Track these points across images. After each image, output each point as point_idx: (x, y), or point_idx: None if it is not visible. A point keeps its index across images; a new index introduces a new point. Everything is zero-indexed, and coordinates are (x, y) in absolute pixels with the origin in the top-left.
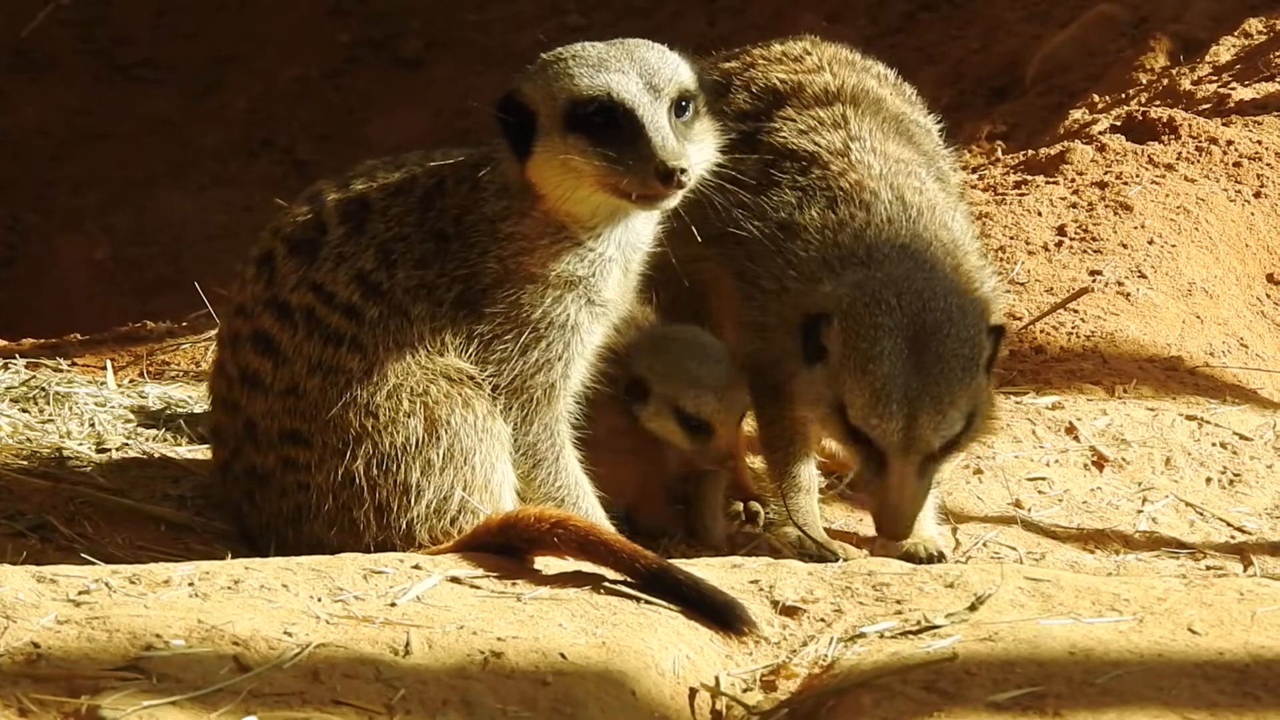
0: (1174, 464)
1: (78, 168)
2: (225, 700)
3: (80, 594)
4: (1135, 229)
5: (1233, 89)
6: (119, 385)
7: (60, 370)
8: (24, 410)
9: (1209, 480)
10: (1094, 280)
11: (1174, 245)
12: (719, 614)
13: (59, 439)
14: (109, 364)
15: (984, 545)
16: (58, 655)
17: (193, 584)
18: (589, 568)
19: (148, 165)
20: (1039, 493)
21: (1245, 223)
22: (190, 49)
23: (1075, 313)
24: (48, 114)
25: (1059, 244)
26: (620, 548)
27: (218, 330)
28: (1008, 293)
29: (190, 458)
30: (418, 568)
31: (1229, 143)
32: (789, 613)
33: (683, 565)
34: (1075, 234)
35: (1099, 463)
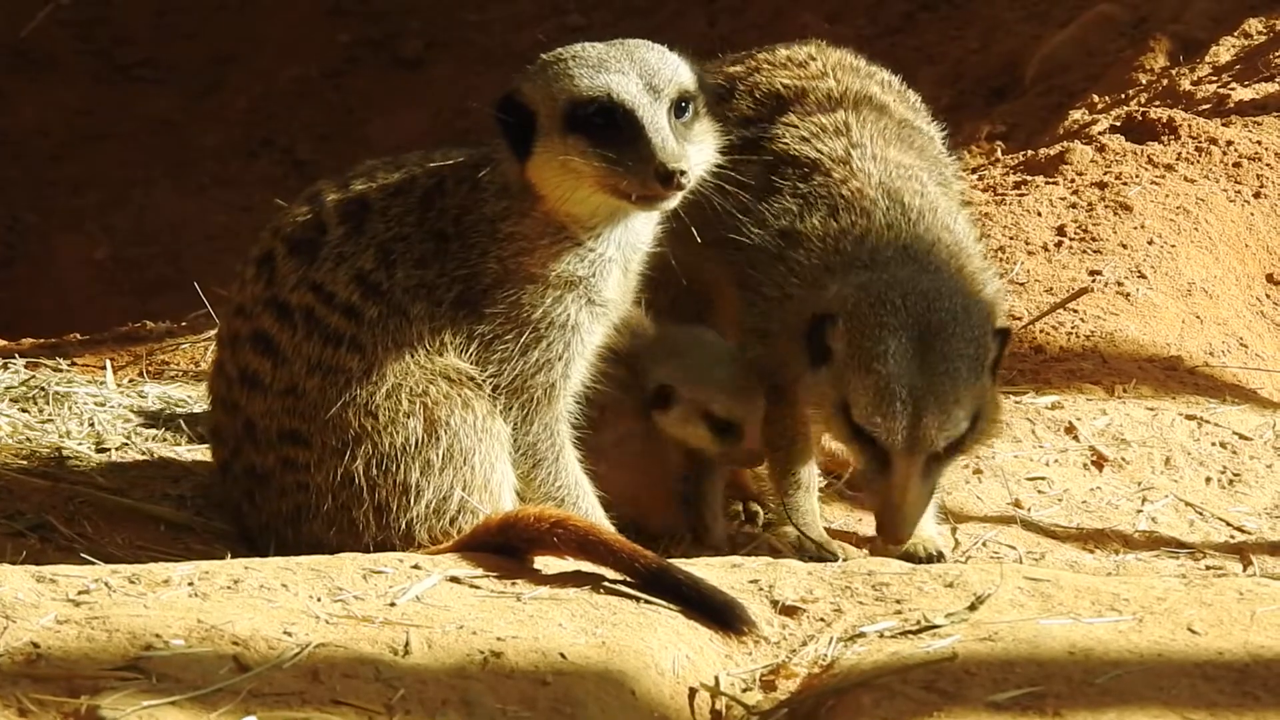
0: (1174, 464)
1: (78, 168)
2: (225, 700)
3: (80, 594)
4: (1135, 229)
5: (1232, 89)
6: (118, 385)
7: (60, 370)
8: (23, 410)
9: (1209, 480)
10: (1094, 280)
11: (1174, 245)
12: (719, 614)
13: (58, 439)
14: (109, 364)
15: (984, 545)
16: (57, 655)
17: (192, 584)
18: (589, 567)
19: (148, 165)
20: (1038, 492)
21: (1245, 223)
22: (190, 49)
23: (1075, 313)
24: (48, 114)
25: (1059, 244)
26: (620, 547)
27: (217, 330)
28: (1008, 293)
29: (190, 458)
30: (417, 567)
31: (1229, 143)
32: (789, 612)
33: (682, 565)
34: (1075, 234)
35: (1098, 462)
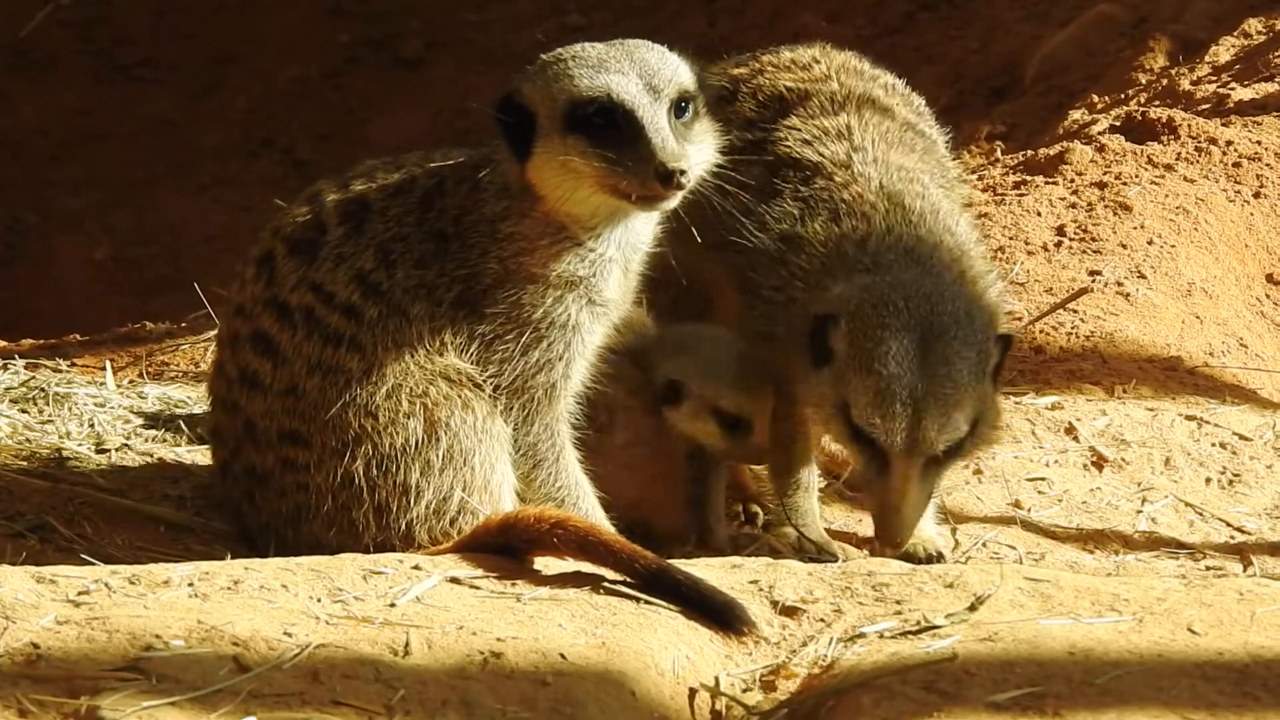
0: (1173, 464)
1: (78, 168)
2: (225, 701)
3: (80, 594)
4: (1135, 229)
5: (1232, 89)
6: (118, 386)
7: (60, 371)
8: (23, 411)
9: (1208, 480)
10: (1093, 280)
11: (1173, 245)
12: (719, 614)
13: (58, 439)
14: (108, 364)
15: (983, 545)
16: (57, 656)
17: (192, 584)
18: (589, 568)
19: (148, 165)
20: (1038, 493)
21: (1245, 223)
22: (190, 49)
23: (1075, 313)
24: (48, 114)
25: (1058, 244)
26: (620, 548)
27: (217, 331)
28: (1009, 295)
29: (189, 458)
30: (417, 568)
31: (1228, 143)
32: (789, 613)
33: (682, 565)
34: (1075, 234)
35: (1098, 463)
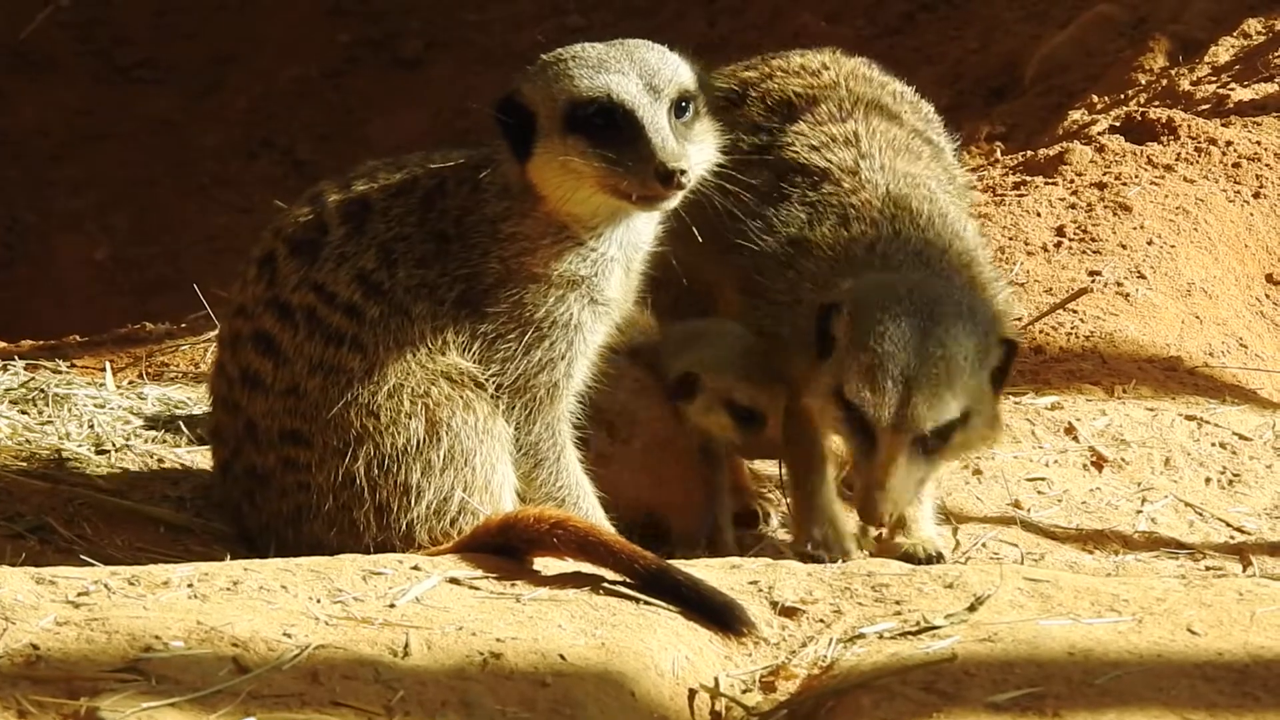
0: (1173, 464)
1: (78, 168)
2: (224, 702)
3: (79, 595)
4: (1134, 229)
5: (1231, 89)
6: (118, 387)
7: (59, 372)
8: (23, 412)
9: (1208, 480)
10: (1093, 281)
11: (1173, 246)
12: (718, 615)
13: (58, 440)
14: (108, 365)
15: (983, 546)
16: (57, 657)
17: (192, 585)
18: (588, 568)
19: (148, 165)
20: (1038, 493)
21: (1244, 223)
22: (190, 49)
23: (1074, 313)
24: (48, 114)
25: (1058, 244)
26: (619, 548)
27: (218, 331)
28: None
29: (189, 459)
30: (417, 569)
31: (1228, 143)
32: (788, 613)
33: (682, 566)
34: (1074, 234)
35: (1098, 463)
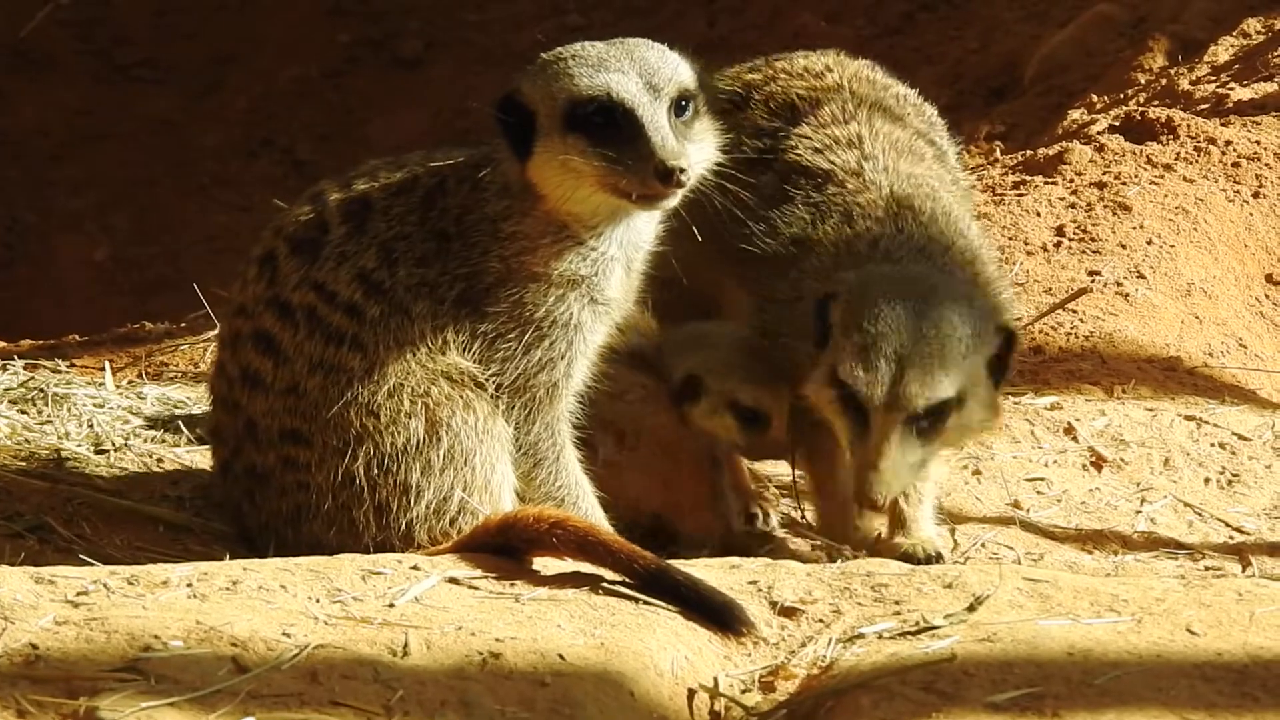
0: (1172, 464)
1: (78, 168)
2: (224, 701)
3: (78, 595)
4: (1134, 229)
5: (1231, 89)
6: (117, 386)
7: (59, 371)
8: (22, 411)
9: (1207, 480)
10: (1093, 280)
11: (1173, 245)
12: (717, 614)
13: (57, 440)
14: (108, 365)
15: (982, 546)
16: (56, 656)
17: (191, 585)
18: (588, 568)
19: (148, 165)
20: (1037, 493)
21: (1244, 223)
22: (190, 49)
23: (1074, 313)
24: (48, 114)
25: (1058, 244)
26: (619, 548)
27: (218, 331)
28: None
29: (189, 459)
30: (416, 568)
31: (1227, 143)
32: (787, 613)
33: (681, 566)
34: (1074, 234)
35: (1097, 463)
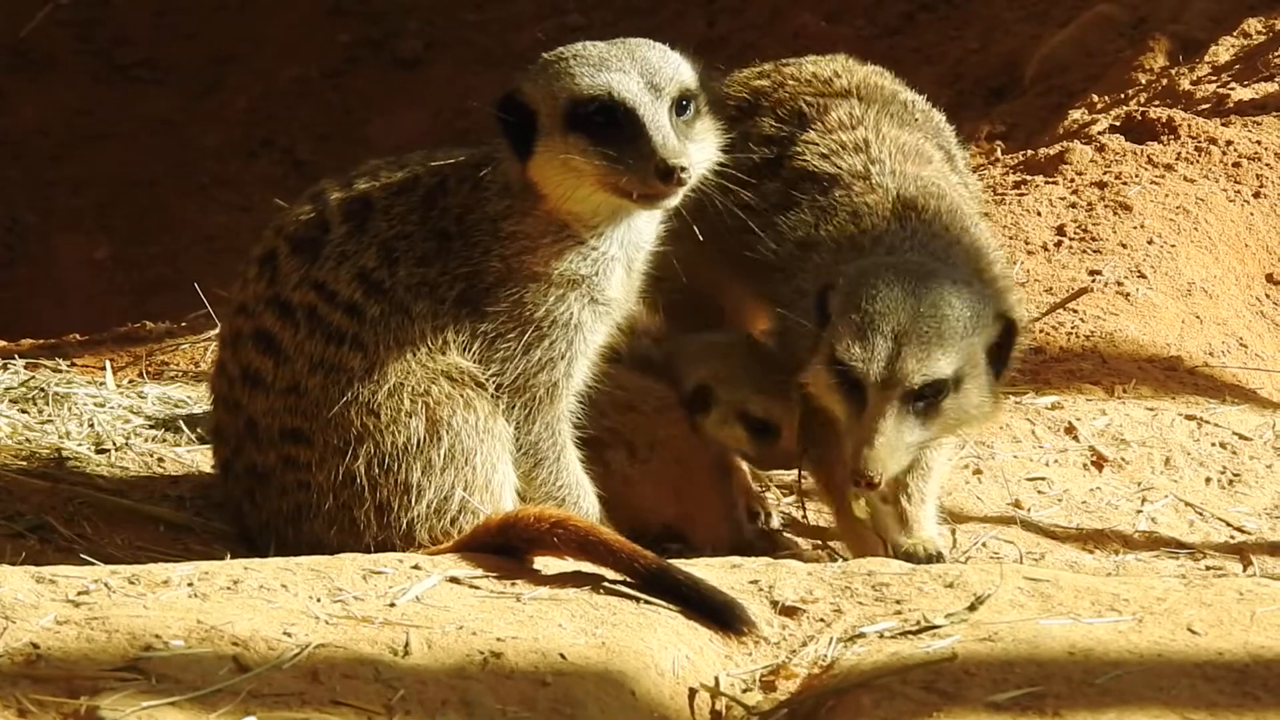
0: (1173, 464)
1: (78, 168)
2: (224, 701)
3: (79, 594)
4: (1135, 229)
5: (1232, 89)
6: (118, 386)
7: (59, 370)
8: (23, 411)
9: (1208, 480)
10: (1093, 280)
11: (1173, 245)
12: (718, 614)
13: (58, 439)
14: (108, 364)
15: (983, 545)
16: (57, 656)
17: (192, 584)
18: (589, 568)
19: (148, 165)
20: (1038, 493)
21: (1245, 223)
22: (190, 49)
23: (1075, 313)
24: (48, 114)
25: (1058, 244)
26: (620, 548)
27: (218, 330)
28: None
29: (189, 458)
30: (417, 568)
31: (1228, 143)
32: (788, 613)
33: (682, 565)
34: (1075, 234)
35: (1098, 463)
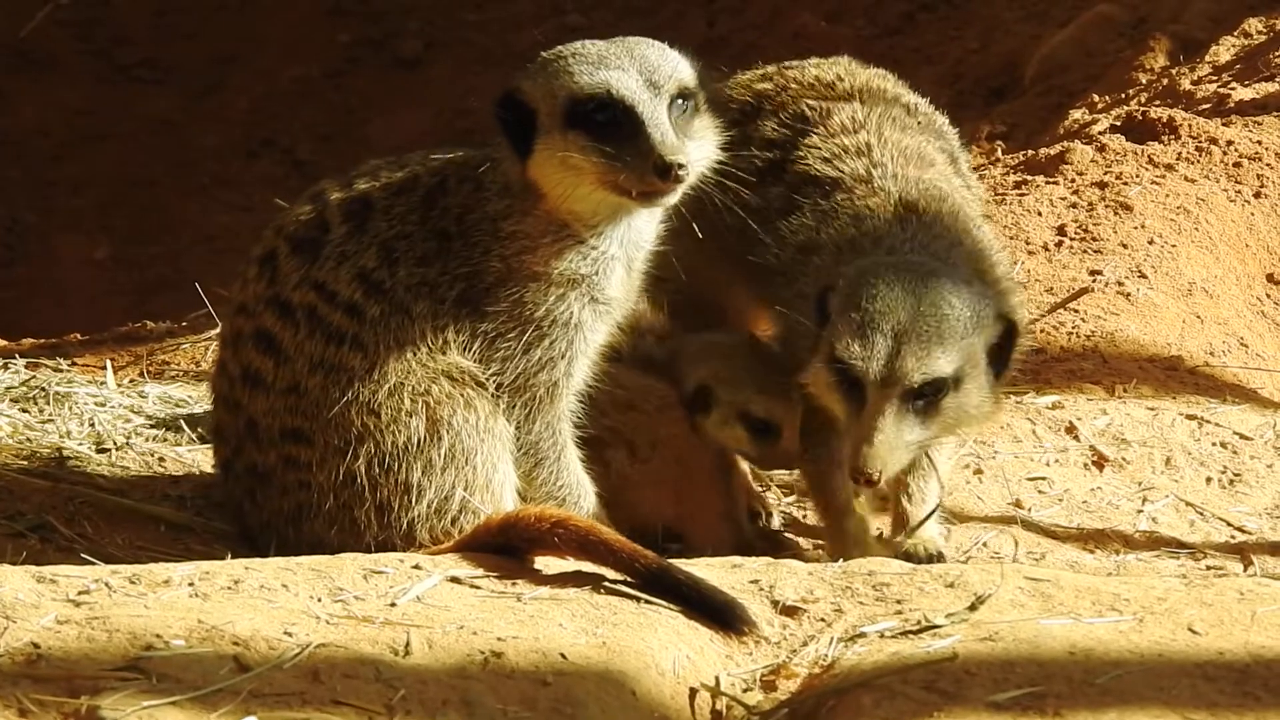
0: (1174, 463)
1: (78, 168)
2: (225, 700)
3: (80, 594)
4: (1135, 229)
5: (1232, 89)
6: (119, 385)
7: (60, 370)
8: (24, 410)
9: (1209, 480)
10: (1094, 280)
11: (1174, 245)
12: (719, 614)
13: (59, 439)
14: (109, 364)
15: (984, 545)
16: (57, 655)
17: (193, 584)
18: (589, 567)
19: (148, 165)
20: (1039, 492)
21: (1245, 223)
22: (190, 49)
23: (1075, 312)
24: (48, 114)
25: (1059, 244)
26: (620, 547)
27: (219, 330)
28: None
29: (190, 458)
30: (418, 568)
31: (1229, 143)
32: (789, 612)
33: (683, 565)
34: (1075, 234)
35: (1099, 462)
